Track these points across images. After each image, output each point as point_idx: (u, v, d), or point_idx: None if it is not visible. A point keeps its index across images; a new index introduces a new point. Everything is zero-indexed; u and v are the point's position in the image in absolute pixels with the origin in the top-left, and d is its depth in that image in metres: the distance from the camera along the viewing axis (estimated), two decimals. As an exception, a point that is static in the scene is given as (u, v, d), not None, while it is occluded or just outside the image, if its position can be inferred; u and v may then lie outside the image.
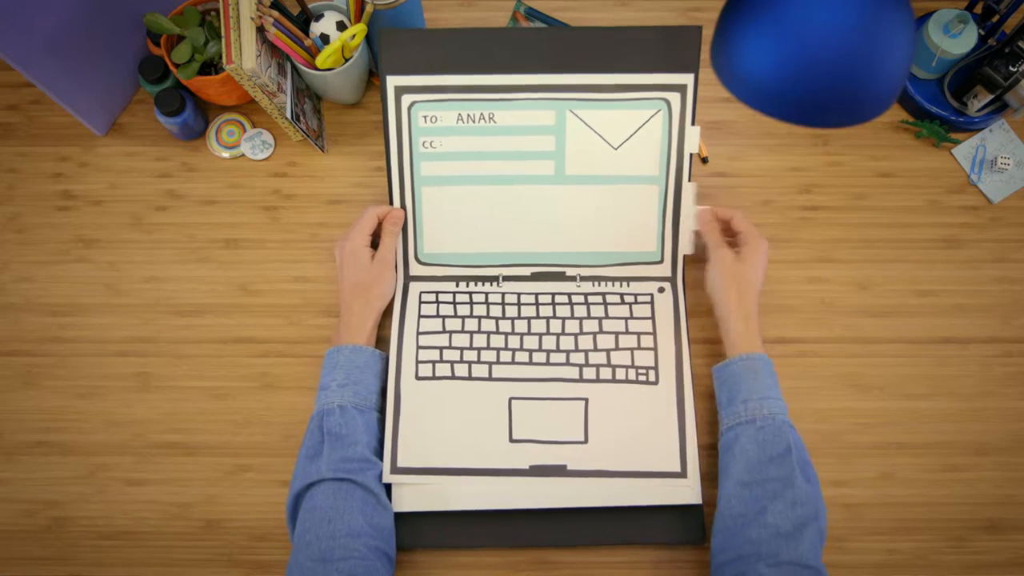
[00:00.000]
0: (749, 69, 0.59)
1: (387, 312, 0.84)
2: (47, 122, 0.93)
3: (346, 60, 0.84)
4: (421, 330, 0.82)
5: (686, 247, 0.84)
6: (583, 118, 0.81)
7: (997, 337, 0.85)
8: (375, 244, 0.83)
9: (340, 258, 0.81)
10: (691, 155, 0.82)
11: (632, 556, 0.79)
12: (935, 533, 0.80)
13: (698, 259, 0.87)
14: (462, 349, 0.81)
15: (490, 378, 0.80)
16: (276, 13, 0.80)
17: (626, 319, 0.82)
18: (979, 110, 0.88)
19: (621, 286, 0.84)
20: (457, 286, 0.84)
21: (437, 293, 0.84)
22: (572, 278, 0.84)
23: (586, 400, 0.79)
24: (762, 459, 0.72)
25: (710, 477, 0.80)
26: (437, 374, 0.80)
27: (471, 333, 0.82)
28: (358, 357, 0.78)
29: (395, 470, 0.76)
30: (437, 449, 0.77)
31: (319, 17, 0.84)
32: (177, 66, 0.84)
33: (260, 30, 0.80)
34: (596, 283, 0.84)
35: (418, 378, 0.80)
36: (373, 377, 0.78)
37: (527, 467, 0.77)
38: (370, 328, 0.80)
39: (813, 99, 0.58)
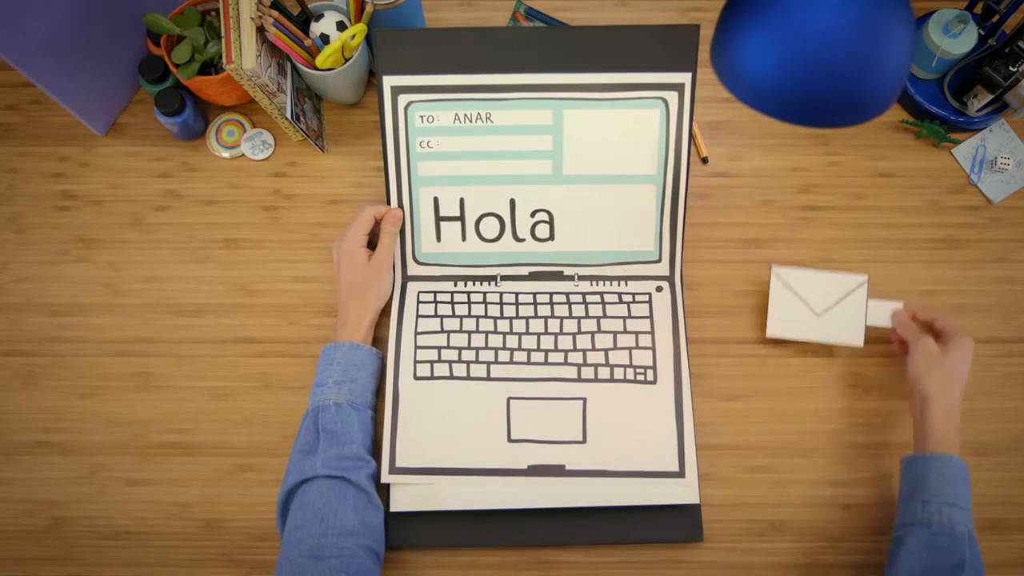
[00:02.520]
0: (749, 69, 0.59)
1: (385, 312, 0.84)
2: (47, 122, 0.93)
3: (346, 60, 0.84)
4: (419, 330, 0.82)
5: (873, 319, 0.81)
6: (580, 117, 0.81)
7: (997, 337, 0.85)
8: (373, 244, 0.83)
9: (337, 258, 0.81)
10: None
11: (632, 556, 0.79)
12: (935, 533, 0.80)
13: (692, 259, 0.87)
14: (460, 349, 0.81)
15: (488, 378, 0.80)
16: (276, 13, 0.80)
17: (624, 318, 0.82)
18: (979, 110, 0.88)
19: (619, 285, 0.84)
20: (455, 286, 0.84)
21: (435, 293, 0.84)
22: (570, 277, 0.84)
23: (584, 400, 0.79)
24: (929, 568, 0.67)
25: (708, 477, 0.80)
26: (435, 374, 0.80)
27: (469, 333, 0.82)
28: (355, 355, 0.77)
29: (393, 470, 0.76)
30: (436, 449, 0.77)
31: (319, 17, 0.84)
32: (177, 66, 0.84)
33: (260, 30, 0.80)
34: (594, 282, 0.84)
35: (416, 378, 0.80)
36: (369, 376, 0.78)
37: (525, 467, 0.77)
38: (367, 327, 0.80)
39: (813, 99, 0.58)
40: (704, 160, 0.90)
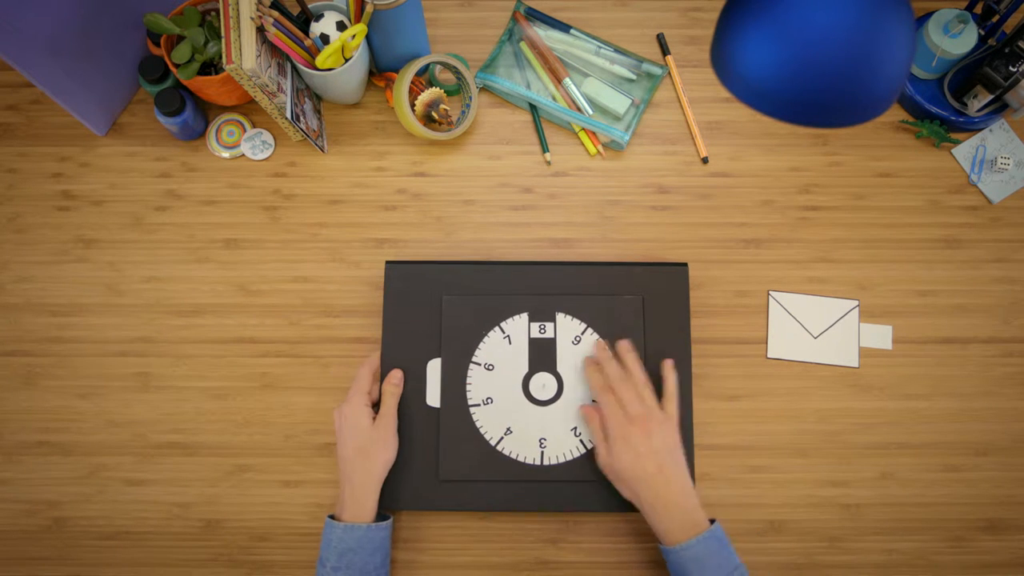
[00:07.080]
0: (749, 69, 0.59)
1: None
2: (47, 122, 0.93)
3: (346, 60, 0.84)
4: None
5: None
6: None
7: (997, 337, 0.85)
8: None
9: (339, 423, 0.77)
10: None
11: (630, 556, 0.79)
12: (935, 533, 0.80)
13: (692, 259, 0.87)
14: None
15: None
16: (276, 13, 0.80)
17: None
18: (979, 110, 0.88)
19: None
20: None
21: None
22: None
23: None
24: None
25: (708, 477, 0.80)
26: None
27: None
28: (350, 536, 0.74)
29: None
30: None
31: (319, 17, 0.84)
32: (177, 66, 0.84)
33: (260, 30, 0.80)
34: None
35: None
36: (368, 554, 0.74)
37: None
38: (372, 503, 0.76)
39: (813, 99, 0.58)
40: (704, 160, 0.90)
